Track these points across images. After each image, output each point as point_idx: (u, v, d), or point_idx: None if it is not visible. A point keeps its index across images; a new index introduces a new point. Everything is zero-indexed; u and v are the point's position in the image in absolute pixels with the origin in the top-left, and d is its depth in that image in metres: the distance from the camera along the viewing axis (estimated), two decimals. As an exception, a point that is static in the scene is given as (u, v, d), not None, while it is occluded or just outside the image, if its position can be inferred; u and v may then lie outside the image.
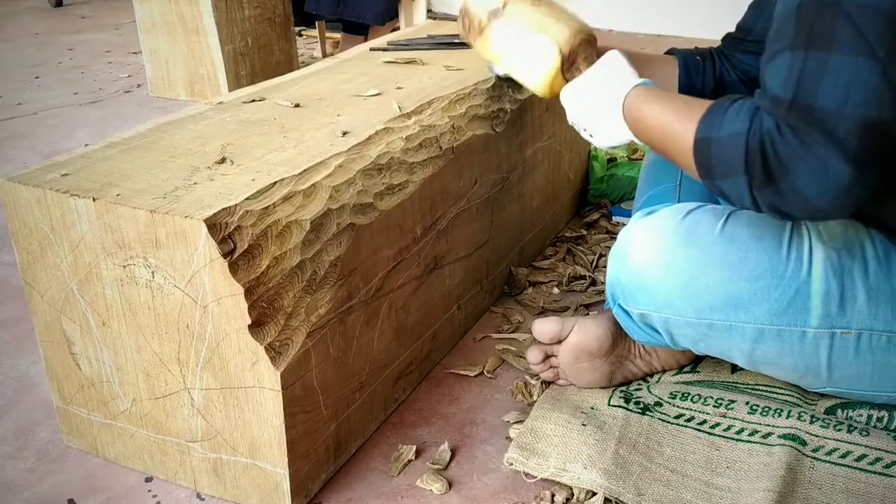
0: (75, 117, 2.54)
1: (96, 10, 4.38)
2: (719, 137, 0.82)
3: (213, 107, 1.20)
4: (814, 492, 0.93)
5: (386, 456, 1.05)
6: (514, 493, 0.98)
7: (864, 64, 0.74)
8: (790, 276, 0.93)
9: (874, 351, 0.94)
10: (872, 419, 1.03)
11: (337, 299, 0.94)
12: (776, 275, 0.94)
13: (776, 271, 0.94)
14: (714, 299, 0.96)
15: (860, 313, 0.92)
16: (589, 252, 1.57)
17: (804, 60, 0.76)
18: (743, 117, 0.80)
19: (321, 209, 0.92)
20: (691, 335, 1.01)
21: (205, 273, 0.84)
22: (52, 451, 1.07)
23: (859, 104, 0.74)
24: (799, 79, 0.76)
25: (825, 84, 0.75)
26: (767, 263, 0.94)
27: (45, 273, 0.95)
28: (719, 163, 0.82)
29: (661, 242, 0.98)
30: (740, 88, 1.18)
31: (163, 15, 2.65)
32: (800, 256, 0.93)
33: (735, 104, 0.83)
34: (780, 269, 0.94)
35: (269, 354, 0.85)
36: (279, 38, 2.78)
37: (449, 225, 1.19)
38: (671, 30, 3.33)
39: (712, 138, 0.83)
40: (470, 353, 1.27)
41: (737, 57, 1.18)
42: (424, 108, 1.19)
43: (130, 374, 0.96)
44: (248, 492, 0.95)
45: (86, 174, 0.94)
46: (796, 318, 0.94)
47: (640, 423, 1.05)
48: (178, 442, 0.97)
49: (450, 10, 4.11)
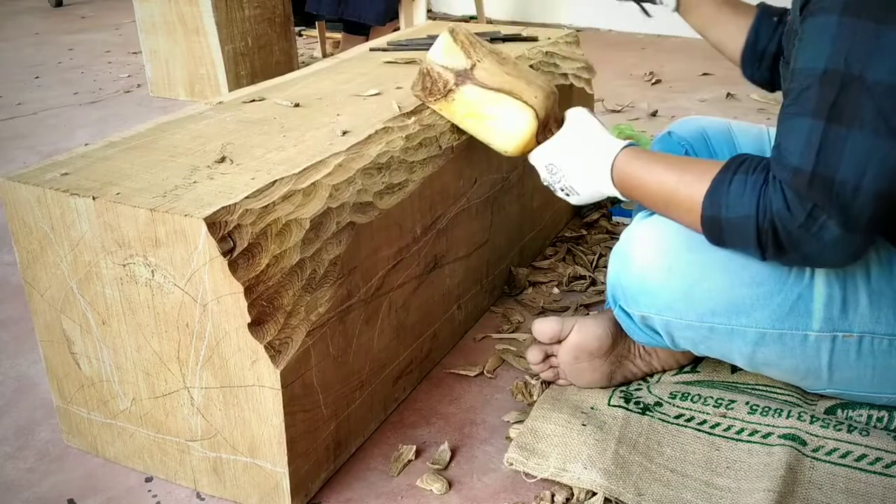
0: (75, 117, 2.54)
1: (96, 10, 4.38)
2: (728, 218, 0.87)
3: (213, 107, 1.20)
4: (814, 492, 0.93)
5: (386, 456, 1.05)
6: (514, 493, 0.98)
7: (883, 144, 0.78)
8: (792, 281, 0.93)
9: (875, 354, 0.94)
10: (872, 419, 1.03)
11: (337, 298, 0.94)
12: (778, 280, 0.93)
13: (778, 277, 0.93)
14: (716, 304, 0.96)
15: (862, 317, 0.92)
16: (589, 252, 1.57)
17: (824, 133, 0.79)
18: (749, 198, 0.84)
19: (321, 208, 0.92)
20: (692, 337, 1.01)
21: (204, 272, 0.84)
22: (52, 450, 1.07)
23: (877, 178, 0.78)
24: (819, 151, 0.80)
25: (845, 159, 0.78)
26: (770, 269, 0.94)
27: (45, 272, 0.95)
28: (730, 238, 0.89)
29: (664, 246, 0.98)
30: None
31: (163, 15, 2.66)
32: None
33: (736, 178, 0.86)
34: (783, 274, 0.93)
35: (269, 353, 0.85)
36: (279, 38, 2.79)
37: (449, 224, 1.19)
38: (671, 30, 3.34)
39: (721, 218, 0.87)
40: (470, 353, 1.27)
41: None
42: (424, 107, 1.19)
43: (130, 374, 0.96)
44: (247, 491, 0.95)
45: (86, 173, 0.94)
46: (798, 322, 0.94)
47: (640, 423, 1.05)
48: (178, 441, 0.97)
49: (450, 10, 4.11)
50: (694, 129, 1.28)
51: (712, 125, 1.29)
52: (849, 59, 0.78)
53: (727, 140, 1.26)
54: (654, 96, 2.64)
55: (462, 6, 3.98)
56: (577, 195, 1.06)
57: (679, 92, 2.68)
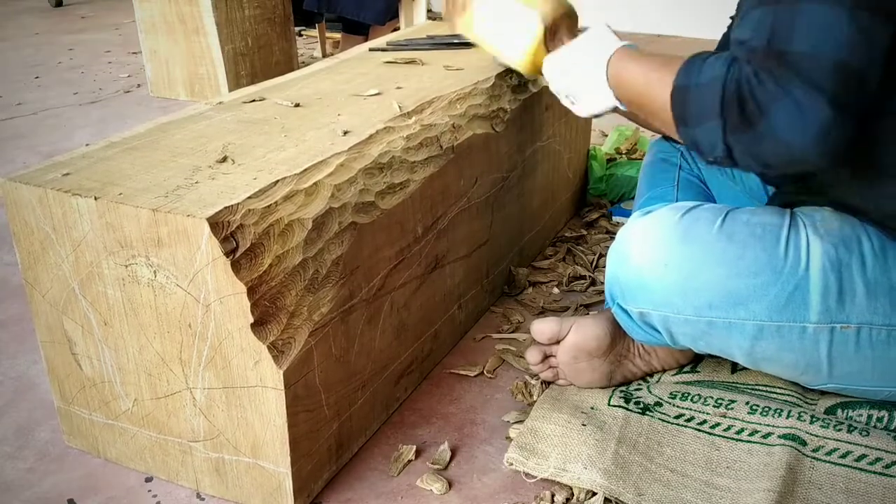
0: (75, 117, 2.54)
1: (96, 10, 4.38)
2: (697, 84, 0.85)
3: (214, 107, 1.20)
4: (814, 492, 0.93)
5: (386, 456, 1.05)
6: (514, 493, 0.98)
7: (831, 11, 0.77)
8: (788, 271, 0.94)
9: (874, 345, 0.94)
10: (872, 419, 1.03)
11: (339, 298, 0.94)
12: (775, 271, 0.94)
13: (774, 267, 0.94)
14: (713, 297, 0.96)
15: (859, 307, 0.93)
16: (589, 252, 1.58)
17: (775, 13, 0.79)
18: (721, 65, 0.83)
19: (323, 208, 0.92)
20: (691, 333, 1.01)
21: (207, 272, 0.84)
22: (52, 450, 1.07)
23: (831, 48, 0.77)
24: (772, 28, 0.80)
25: (798, 31, 0.78)
26: (766, 260, 0.94)
27: (46, 273, 0.95)
28: (695, 108, 0.85)
29: (660, 240, 0.98)
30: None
31: (163, 15, 2.66)
32: (797, 252, 0.94)
33: (713, 55, 0.86)
34: (779, 265, 0.94)
35: (272, 353, 0.85)
36: (279, 38, 2.79)
37: (449, 224, 1.19)
38: (671, 30, 3.34)
39: (690, 85, 0.86)
40: (470, 353, 1.27)
41: None
42: (425, 107, 1.19)
43: (132, 374, 0.96)
44: (250, 492, 0.95)
45: (87, 174, 0.94)
46: (795, 313, 0.94)
47: (640, 423, 1.05)
48: (181, 442, 0.97)
49: (449, 11, 4.10)
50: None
51: None
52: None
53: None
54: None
55: (461, 6, 3.97)
56: (581, 103, 1.07)
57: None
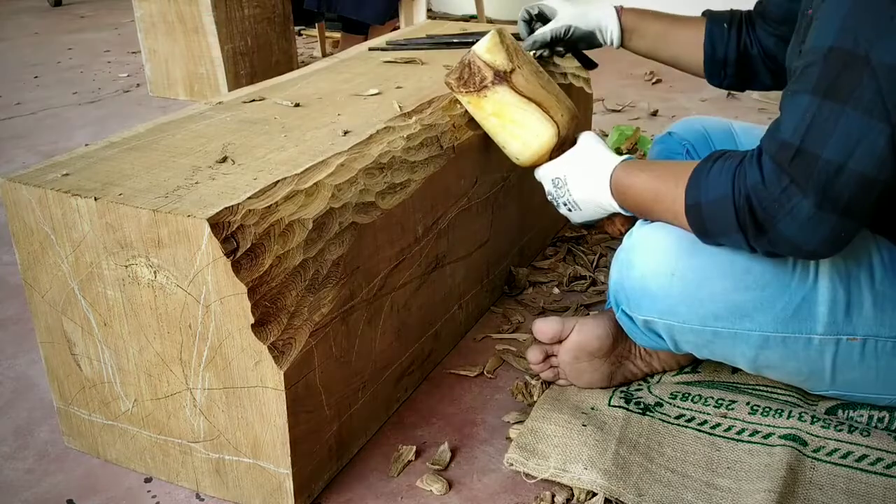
0: (75, 117, 2.54)
1: (95, 9, 4.38)
2: (707, 202, 0.87)
3: (213, 107, 1.20)
4: (814, 492, 0.93)
5: (386, 456, 1.05)
6: (514, 493, 0.98)
7: (872, 124, 0.76)
8: (796, 284, 0.93)
9: (879, 356, 0.94)
10: (873, 419, 1.03)
11: (339, 298, 0.94)
12: (782, 283, 0.93)
13: (782, 280, 0.93)
14: (719, 308, 0.96)
15: (866, 320, 0.92)
16: (589, 252, 1.57)
17: (819, 108, 0.78)
18: (725, 178, 0.84)
19: (323, 208, 0.92)
20: (695, 342, 1.00)
21: (207, 272, 0.84)
22: (52, 451, 1.07)
23: (862, 161, 0.77)
24: (811, 126, 0.79)
25: (836, 136, 0.77)
26: (773, 272, 0.93)
27: (45, 273, 0.95)
28: (713, 226, 0.88)
29: (666, 250, 0.97)
30: (760, 64, 1.19)
31: (162, 14, 2.65)
32: (805, 264, 0.93)
33: (716, 165, 0.87)
34: (786, 277, 0.93)
35: (272, 354, 0.85)
36: (279, 37, 2.78)
37: (450, 224, 1.19)
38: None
39: (701, 203, 0.87)
40: (470, 353, 1.27)
41: (758, 33, 1.19)
42: (425, 107, 1.19)
43: (132, 375, 0.95)
44: (250, 492, 0.95)
45: (87, 174, 0.93)
46: (802, 325, 0.94)
47: (640, 423, 1.05)
48: (181, 442, 0.97)
49: (450, 10, 4.11)
50: (695, 129, 1.29)
51: (714, 125, 1.29)
52: (857, 37, 0.76)
53: (729, 140, 1.26)
54: (655, 96, 2.64)
55: (462, 5, 3.98)
56: (579, 211, 1.08)
57: (679, 91, 2.68)
